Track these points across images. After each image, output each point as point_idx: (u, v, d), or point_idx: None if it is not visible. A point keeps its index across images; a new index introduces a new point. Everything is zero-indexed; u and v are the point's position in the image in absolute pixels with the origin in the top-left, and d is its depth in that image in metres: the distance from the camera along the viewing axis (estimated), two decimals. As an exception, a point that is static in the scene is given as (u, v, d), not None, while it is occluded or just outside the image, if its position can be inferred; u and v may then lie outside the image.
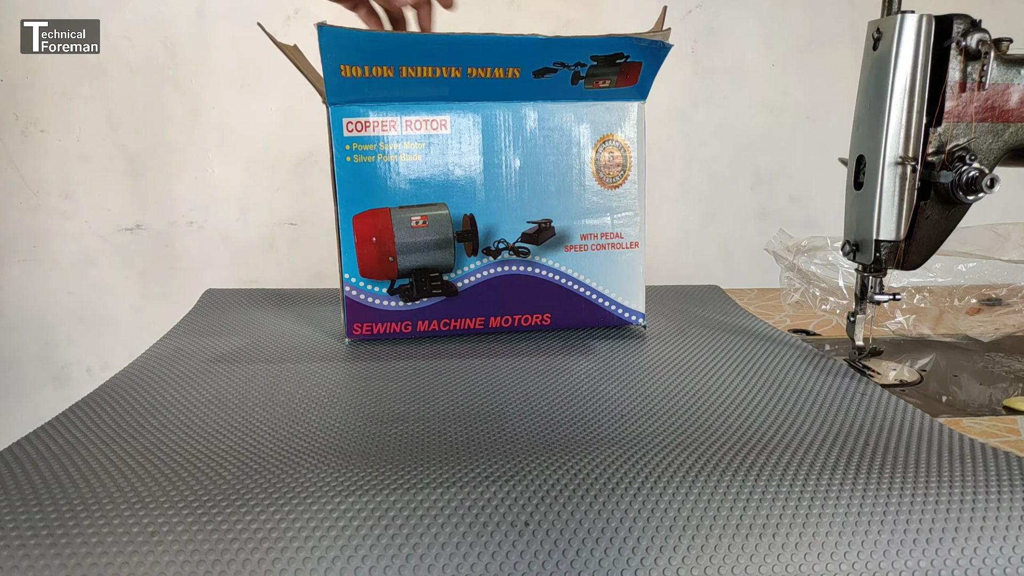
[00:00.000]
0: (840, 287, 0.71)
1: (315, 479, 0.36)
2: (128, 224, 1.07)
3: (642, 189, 0.64)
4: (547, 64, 0.58)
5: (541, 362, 0.57)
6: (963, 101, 0.50)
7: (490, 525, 0.33)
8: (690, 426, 0.44)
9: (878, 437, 0.42)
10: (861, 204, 0.54)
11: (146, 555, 0.31)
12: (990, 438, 0.42)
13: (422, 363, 0.58)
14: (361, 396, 0.50)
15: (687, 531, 0.33)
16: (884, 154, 0.51)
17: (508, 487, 0.35)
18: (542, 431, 0.43)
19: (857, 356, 0.57)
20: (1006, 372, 0.56)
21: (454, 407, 0.48)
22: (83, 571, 0.30)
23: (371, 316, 0.62)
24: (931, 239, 0.53)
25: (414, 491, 0.35)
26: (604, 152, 0.63)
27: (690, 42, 1.07)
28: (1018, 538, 0.33)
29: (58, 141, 1.03)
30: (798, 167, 1.13)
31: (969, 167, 0.49)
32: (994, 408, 0.48)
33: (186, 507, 0.33)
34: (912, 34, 0.50)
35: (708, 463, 0.38)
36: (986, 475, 0.37)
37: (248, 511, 0.33)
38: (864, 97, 0.54)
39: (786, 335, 0.66)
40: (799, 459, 0.39)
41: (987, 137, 0.51)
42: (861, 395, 0.50)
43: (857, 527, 0.33)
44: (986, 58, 0.49)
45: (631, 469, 0.37)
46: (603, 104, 0.62)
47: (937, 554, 0.33)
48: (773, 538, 0.33)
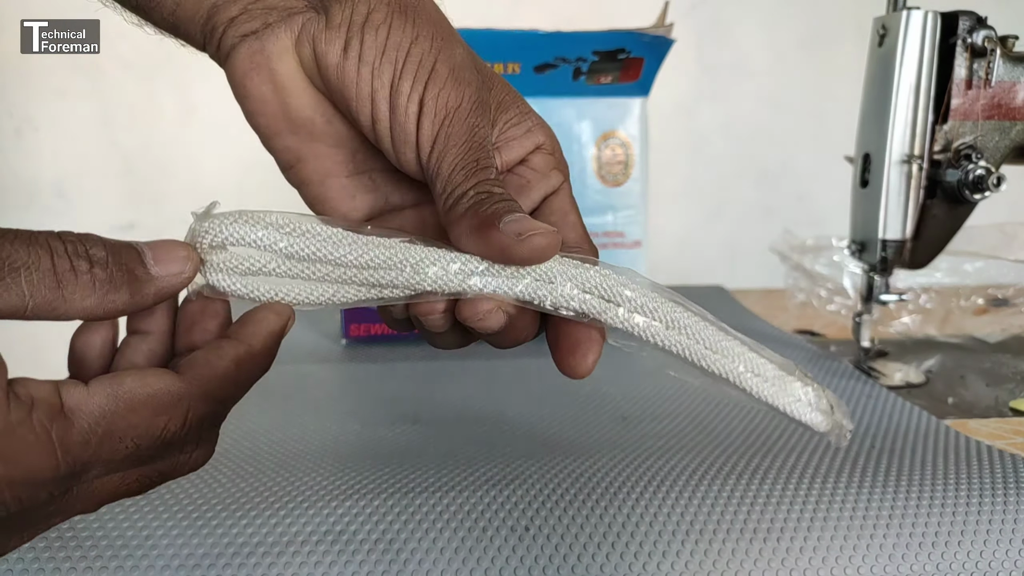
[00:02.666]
0: (846, 287, 0.70)
1: (311, 483, 0.36)
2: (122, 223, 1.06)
3: (644, 187, 0.64)
4: (548, 59, 0.57)
5: (541, 364, 0.57)
6: (969, 99, 0.50)
7: (489, 530, 0.32)
8: (693, 429, 0.44)
9: (884, 439, 0.42)
10: (867, 203, 0.53)
11: (140, 559, 0.30)
12: (997, 440, 0.42)
13: (420, 365, 0.57)
14: (358, 398, 0.50)
15: (690, 535, 0.32)
16: (890, 152, 0.51)
17: (508, 491, 0.35)
18: (542, 434, 0.43)
19: (863, 357, 0.56)
20: (1013, 373, 0.55)
21: (452, 410, 0.47)
22: (77, 575, 0.30)
23: (368, 317, 0.62)
24: (937, 238, 0.52)
25: (412, 495, 0.34)
26: (606, 149, 0.62)
27: (693, 37, 1.07)
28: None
29: (52, 139, 1.02)
30: (803, 165, 1.12)
31: (976, 165, 0.48)
32: (1001, 410, 0.48)
33: (181, 511, 0.33)
34: (918, 31, 0.49)
35: (711, 467, 0.37)
36: (992, 478, 0.36)
37: (243, 515, 0.33)
38: (869, 94, 0.53)
39: (791, 336, 0.65)
40: (804, 462, 0.38)
41: (994, 135, 0.50)
42: (867, 397, 0.49)
43: (863, 530, 0.33)
44: (992, 55, 0.48)
45: (633, 473, 0.37)
46: (605, 100, 0.61)
47: (943, 557, 0.32)
48: (778, 542, 0.32)
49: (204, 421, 0.24)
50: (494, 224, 0.25)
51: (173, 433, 0.23)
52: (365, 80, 0.28)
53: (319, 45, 0.28)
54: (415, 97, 0.27)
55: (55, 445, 0.20)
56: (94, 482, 0.23)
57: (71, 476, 0.21)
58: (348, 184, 0.31)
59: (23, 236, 0.21)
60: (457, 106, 0.28)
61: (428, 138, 0.27)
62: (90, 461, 0.21)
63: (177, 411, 0.23)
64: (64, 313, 0.21)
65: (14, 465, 0.20)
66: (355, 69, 0.28)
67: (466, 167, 0.27)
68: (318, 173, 0.30)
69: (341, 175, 0.31)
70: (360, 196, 0.31)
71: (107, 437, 0.22)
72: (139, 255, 0.23)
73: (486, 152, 0.28)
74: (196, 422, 0.24)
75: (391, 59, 0.28)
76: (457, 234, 0.26)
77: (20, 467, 0.20)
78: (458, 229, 0.26)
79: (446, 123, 0.27)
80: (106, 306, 0.22)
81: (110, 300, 0.22)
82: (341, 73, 0.28)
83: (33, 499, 0.21)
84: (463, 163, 0.27)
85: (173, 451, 0.24)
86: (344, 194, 0.31)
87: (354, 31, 0.28)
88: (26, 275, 0.20)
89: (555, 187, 0.30)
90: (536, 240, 0.25)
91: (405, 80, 0.27)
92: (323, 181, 0.30)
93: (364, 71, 0.28)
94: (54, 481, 0.21)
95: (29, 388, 0.21)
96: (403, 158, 0.28)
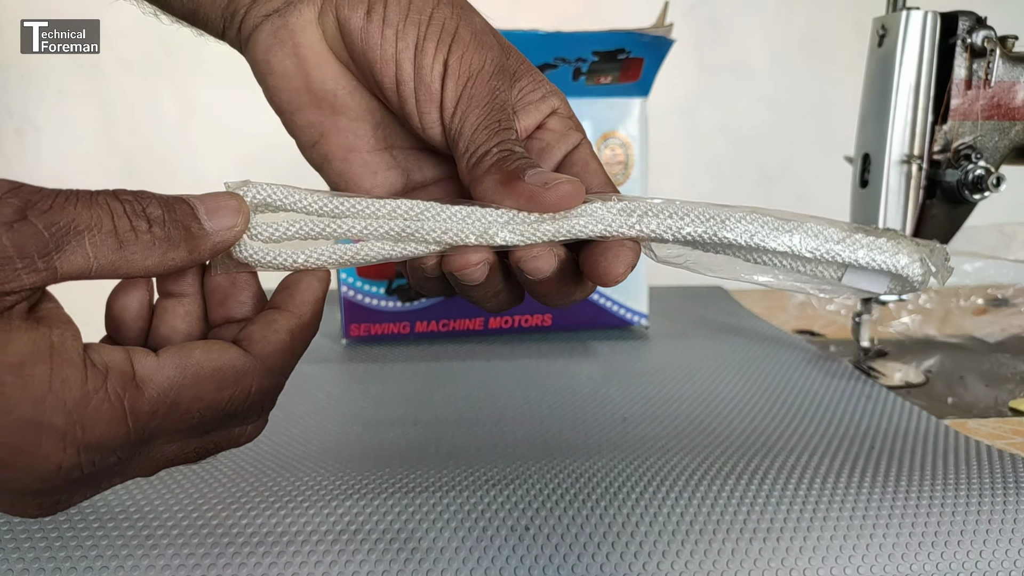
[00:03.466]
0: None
1: (312, 483, 0.36)
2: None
3: (644, 187, 0.64)
4: (548, 60, 0.57)
5: (541, 364, 0.57)
6: (969, 99, 0.50)
7: (489, 530, 0.32)
8: (693, 429, 0.44)
9: (883, 440, 0.42)
10: (866, 203, 0.53)
11: (140, 559, 0.30)
12: (996, 440, 0.42)
13: (420, 365, 0.57)
14: (358, 398, 0.50)
15: (690, 536, 0.32)
16: (890, 152, 0.51)
17: (508, 491, 0.35)
18: (542, 434, 0.43)
19: (862, 357, 0.56)
20: (1012, 373, 0.55)
21: (453, 410, 0.47)
22: (77, 575, 0.30)
23: (368, 317, 0.62)
24: (937, 238, 0.52)
25: (412, 495, 0.34)
26: (606, 150, 0.62)
27: (693, 38, 1.07)
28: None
29: (52, 139, 1.02)
30: (803, 165, 1.12)
31: (975, 165, 0.48)
32: (1000, 410, 0.48)
33: (181, 510, 0.33)
34: (917, 31, 0.49)
35: (712, 467, 0.37)
36: (992, 478, 0.36)
37: (244, 514, 0.33)
38: (869, 94, 0.53)
39: (791, 336, 0.65)
40: (804, 462, 0.38)
41: (993, 135, 0.50)
42: (867, 397, 0.49)
43: (863, 531, 0.33)
44: (992, 55, 0.48)
45: (633, 473, 0.37)
46: (605, 100, 0.62)
47: (943, 557, 0.32)
48: (777, 542, 0.32)
49: (266, 395, 0.25)
50: (519, 176, 0.26)
51: (236, 406, 0.24)
52: (389, 42, 0.28)
53: (342, 11, 0.28)
54: (440, 58, 0.28)
55: (127, 413, 0.21)
56: (157, 448, 0.24)
57: (140, 443, 0.22)
58: (370, 160, 0.31)
59: (84, 198, 0.22)
60: (480, 68, 0.28)
61: (452, 98, 0.28)
62: (158, 429, 0.23)
63: (241, 385, 0.24)
64: (126, 272, 0.22)
65: (90, 431, 0.21)
66: (379, 31, 0.28)
67: (489, 126, 0.28)
68: (341, 148, 0.31)
69: (363, 150, 0.31)
70: (382, 173, 0.31)
71: (174, 408, 0.23)
72: (192, 210, 0.24)
73: (507, 114, 0.28)
74: (258, 396, 0.25)
75: (415, 22, 0.28)
76: (483, 190, 0.27)
77: (95, 433, 0.21)
78: (483, 185, 0.27)
79: (469, 84, 0.28)
80: (166, 264, 0.23)
81: (170, 258, 0.23)
82: (365, 35, 0.28)
83: (104, 462, 0.22)
84: (486, 123, 0.28)
85: (234, 423, 0.25)
86: (366, 170, 0.31)
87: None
88: (90, 238, 0.21)
89: (575, 144, 0.30)
90: (563, 187, 0.26)
91: (430, 41, 0.28)
92: (346, 157, 0.31)
93: (388, 33, 0.28)
94: (124, 447, 0.22)
95: (103, 356, 0.22)
96: (426, 119, 0.29)
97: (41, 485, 0.21)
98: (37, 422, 0.20)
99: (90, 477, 0.22)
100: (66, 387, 0.20)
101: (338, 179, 0.31)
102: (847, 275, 0.26)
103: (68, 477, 0.21)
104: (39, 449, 0.20)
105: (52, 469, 0.21)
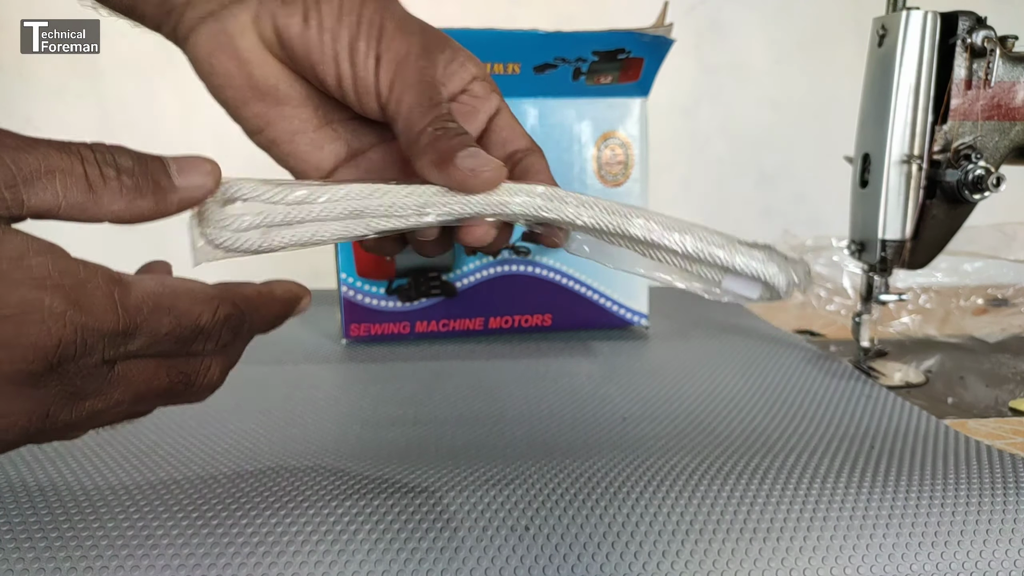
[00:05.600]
0: (845, 287, 0.70)
1: (311, 483, 0.36)
2: (123, 223, 1.07)
3: (644, 187, 0.64)
4: (548, 59, 0.57)
5: (542, 364, 0.57)
6: (969, 99, 0.50)
7: (489, 529, 0.32)
8: (693, 429, 0.44)
9: (883, 440, 0.42)
10: (866, 203, 0.53)
11: (140, 559, 0.30)
12: (996, 440, 0.42)
13: (420, 365, 0.57)
14: (358, 398, 0.50)
15: (690, 536, 0.32)
16: (889, 152, 0.51)
17: (508, 491, 0.35)
18: (542, 434, 0.43)
19: (862, 357, 0.56)
20: (1012, 373, 0.55)
21: (453, 409, 0.47)
22: (77, 575, 0.30)
23: (368, 317, 0.62)
24: (937, 238, 0.52)
25: (411, 495, 0.34)
26: (606, 150, 0.62)
27: (693, 38, 1.06)
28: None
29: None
30: (803, 165, 1.12)
31: (975, 165, 0.48)
32: (1000, 410, 0.48)
33: (181, 511, 0.33)
34: (917, 31, 0.49)
35: (711, 467, 0.37)
36: (992, 478, 0.36)
37: (244, 515, 0.33)
38: (869, 95, 0.53)
39: (791, 336, 0.65)
40: (804, 462, 0.38)
41: (993, 135, 0.50)
42: (866, 397, 0.49)
43: (862, 531, 0.33)
44: (992, 55, 0.48)
45: (633, 473, 0.37)
46: (605, 100, 0.62)
47: (943, 557, 0.32)
48: (777, 542, 0.32)
49: (229, 322, 0.27)
50: (451, 160, 0.29)
51: (204, 323, 0.26)
52: (328, 44, 0.31)
53: (279, 19, 0.31)
54: (371, 52, 0.31)
55: (116, 302, 0.23)
56: (133, 362, 0.25)
57: (125, 335, 0.24)
58: (315, 137, 0.35)
59: (57, 144, 0.23)
60: (407, 53, 0.32)
61: (386, 85, 0.32)
62: (140, 326, 0.24)
63: (209, 307, 0.26)
64: (94, 215, 0.24)
65: (87, 312, 0.23)
66: (317, 36, 0.31)
67: (421, 104, 0.31)
68: (287, 132, 0.34)
69: (308, 131, 0.35)
70: (327, 146, 0.35)
71: (156, 309, 0.25)
72: (164, 166, 0.26)
73: (436, 90, 0.32)
74: (223, 319, 0.27)
75: (347, 23, 0.31)
76: (420, 167, 0.30)
77: (92, 315, 0.23)
78: (421, 163, 0.30)
79: (399, 69, 0.31)
80: (132, 211, 0.25)
81: (136, 206, 0.25)
82: (305, 41, 0.31)
83: (92, 348, 0.23)
84: (418, 101, 0.31)
85: (200, 344, 0.27)
86: (313, 147, 0.35)
87: (310, 3, 0.31)
88: (60, 178, 0.23)
89: (496, 107, 0.35)
90: (486, 175, 0.30)
91: (361, 39, 0.31)
92: (292, 139, 0.34)
93: (326, 37, 0.31)
94: (112, 335, 0.24)
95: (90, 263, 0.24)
96: (367, 107, 0.32)
97: (40, 366, 0.22)
98: (39, 299, 0.22)
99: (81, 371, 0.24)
100: (65, 274, 0.22)
101: (287, 158, 0.35)
102: (726, 280, 0.31)
103: (64, 355, 0.23)
104: (42, 324, 0.22)
105: (53, 343, 0.22)
